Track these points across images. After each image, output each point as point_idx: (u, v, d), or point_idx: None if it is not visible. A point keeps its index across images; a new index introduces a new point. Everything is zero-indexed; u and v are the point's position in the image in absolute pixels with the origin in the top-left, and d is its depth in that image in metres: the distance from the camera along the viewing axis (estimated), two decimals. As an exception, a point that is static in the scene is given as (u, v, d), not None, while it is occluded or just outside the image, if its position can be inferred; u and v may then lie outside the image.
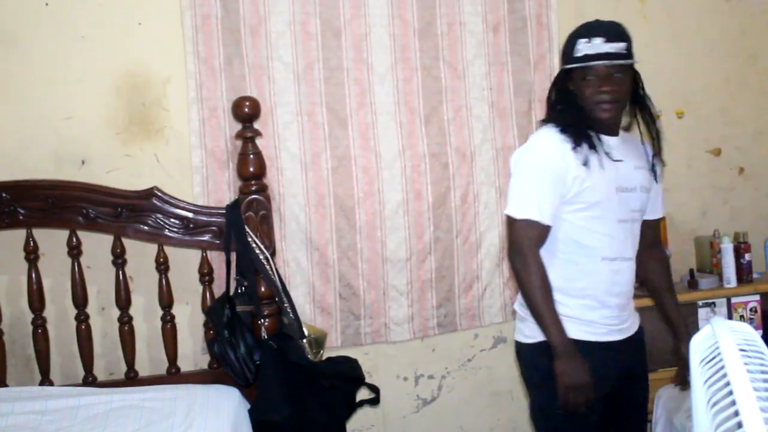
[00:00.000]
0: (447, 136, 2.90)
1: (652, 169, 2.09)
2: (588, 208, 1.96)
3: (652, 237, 2.18)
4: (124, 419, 2.22)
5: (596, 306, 1.99)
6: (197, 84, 2.65)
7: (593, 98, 1.95)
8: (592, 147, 1.95)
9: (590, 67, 1.93)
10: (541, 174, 1.93)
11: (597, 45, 1.92)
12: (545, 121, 2.05)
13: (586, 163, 1.92)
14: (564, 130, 1.96)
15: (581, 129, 1.96)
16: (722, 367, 0.96)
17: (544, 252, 1.97)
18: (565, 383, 1.87)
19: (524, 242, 1.93)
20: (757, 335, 1.07)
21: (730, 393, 0.94)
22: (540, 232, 1.94)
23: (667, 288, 2.21)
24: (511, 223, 1.97)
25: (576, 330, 1.97)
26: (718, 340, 1.01)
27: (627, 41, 1.96)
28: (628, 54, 1.95)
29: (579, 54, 1.94)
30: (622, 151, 2.02)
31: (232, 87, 2.68)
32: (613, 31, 1.96)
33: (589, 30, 1.96)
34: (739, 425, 0.92)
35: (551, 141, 1.96)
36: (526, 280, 1.93)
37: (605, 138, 2.00)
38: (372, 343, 2.89)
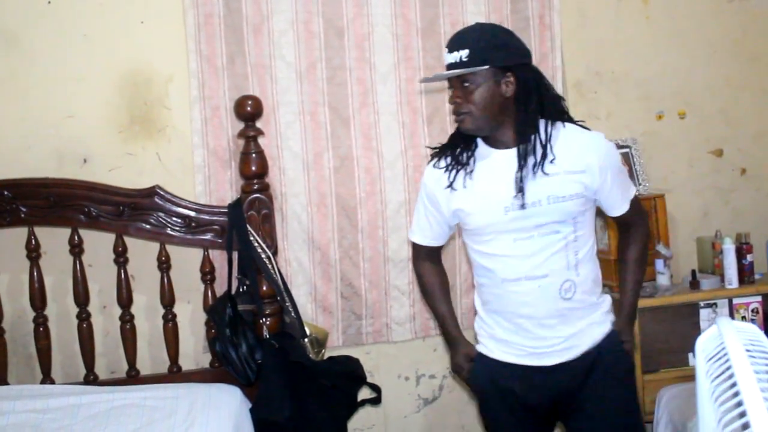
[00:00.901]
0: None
1: (530, 168, 1.83)
2: (476, 232, 1.92)
3: (622, 223, 2.04)
4: (126, 418, 2.23)
5: (512, 328, 1.92)
6: (199, 83, 2.65)
7: (453, 111, 1.88)
8: (462, 169, 1.90)
9: (447, 80, 1.88)
10: (421, 202, 2.06)
11: (445, 57, 1.87)
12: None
13: (450, 187, 1.91)
14: (441, 157, 1.97)
15: (445, 152, 1.96)
16: (729, 368, 0.96)
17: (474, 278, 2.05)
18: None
19: (413, 257, 2.20)
20: (763, 336, 1.07)
21: (737, 394, 0.94)
22: (425, 250, 2.13)
23: (631, 264, 2.03)
24: None
25: (499, 351, 1.97)
26: (724, 340, 1.01)
27: (470, 47, 1.78)
28: (471, 60, 1.77)
29: None
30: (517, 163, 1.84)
31: (234, 86, 2.68)
32: (456, 40, 1.84)
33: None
34: (745, 426, 0.92)
35: (428, 170, 2.02)
36: (420, 288, 2.26)
37: (494, 152, 1.88)
38: (373, 342, 2.89)
